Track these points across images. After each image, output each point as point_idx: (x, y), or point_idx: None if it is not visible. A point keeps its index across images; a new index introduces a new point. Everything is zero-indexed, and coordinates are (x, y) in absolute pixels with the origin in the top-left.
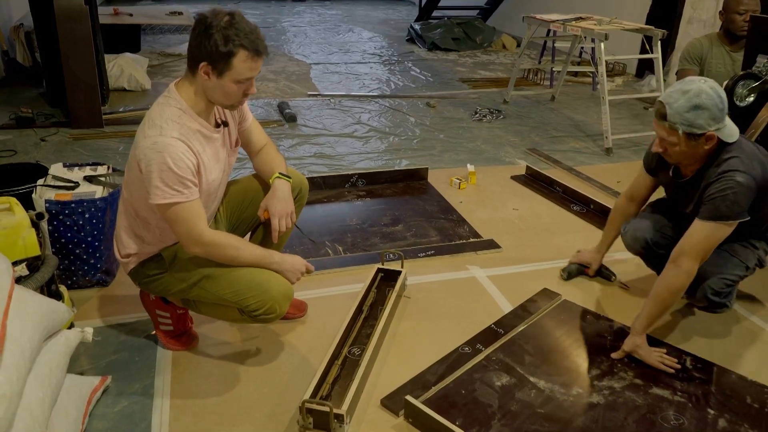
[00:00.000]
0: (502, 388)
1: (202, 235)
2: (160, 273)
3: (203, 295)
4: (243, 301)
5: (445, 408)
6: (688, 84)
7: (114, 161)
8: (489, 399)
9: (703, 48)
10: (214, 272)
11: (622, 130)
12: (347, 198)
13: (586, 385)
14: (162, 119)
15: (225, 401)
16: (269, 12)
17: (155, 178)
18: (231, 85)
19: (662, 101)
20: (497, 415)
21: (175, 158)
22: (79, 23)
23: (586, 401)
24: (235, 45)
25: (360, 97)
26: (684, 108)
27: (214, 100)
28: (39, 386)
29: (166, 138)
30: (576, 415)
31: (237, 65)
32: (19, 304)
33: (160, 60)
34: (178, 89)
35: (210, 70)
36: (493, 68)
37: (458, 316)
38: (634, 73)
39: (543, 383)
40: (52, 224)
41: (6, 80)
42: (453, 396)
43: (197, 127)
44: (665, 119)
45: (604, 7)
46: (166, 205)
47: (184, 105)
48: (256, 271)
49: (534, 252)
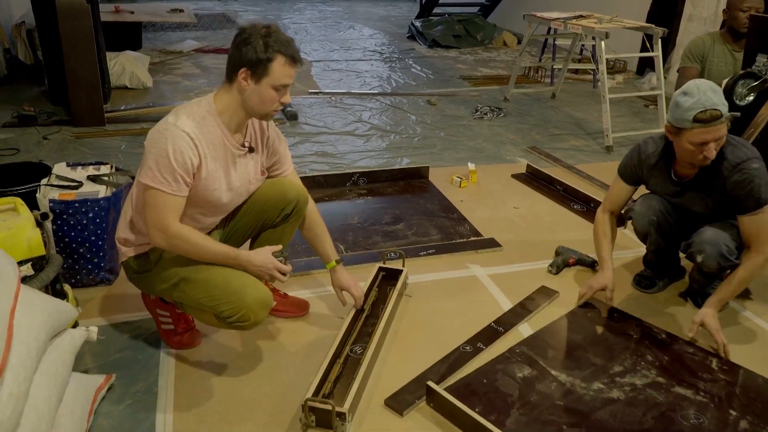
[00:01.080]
0: (523, 380)
1: (169, 226)
2: (145, 271)
3: (183, 298)
4: (217, 307)
5: (465, 395)
6: (701, 86)
7: (116, 159)
8: (509, 389)
9: (705, 46)
10: (191, 275)
11: (623, 127)
12: (348, 197)
13: (607, 381)
14: (185, 112)
15: (228, 399)
16: (270, 9)
17: (151, 159)
18: (269, 90)
19: (703, 109)
20: (516, 404)
21: (176, 150)
22: (80, 21)
23: (606, 396)
24: (273, 51)
25: (361, 94)
26: (721, 100)
27: (249, 108)
28: (45, 385)
29: (177, 128)
30: (594, 409)
31: (275, 70)
32: (25, 304)
33: (162, 57)
34: (215, 97)
35: (249, 75)
36: (493, 65)
37: (459, 314)
38: (635, 70)
39: (564, 377)
40: (56, 224)
41: (8, 78)
42: (474, 384)
43: (216, 133)
44: (721, 117)
45: (605, 5)
46: (149, 187)
47: (213, 110)
48: (233, 276)
49: (534, 250)
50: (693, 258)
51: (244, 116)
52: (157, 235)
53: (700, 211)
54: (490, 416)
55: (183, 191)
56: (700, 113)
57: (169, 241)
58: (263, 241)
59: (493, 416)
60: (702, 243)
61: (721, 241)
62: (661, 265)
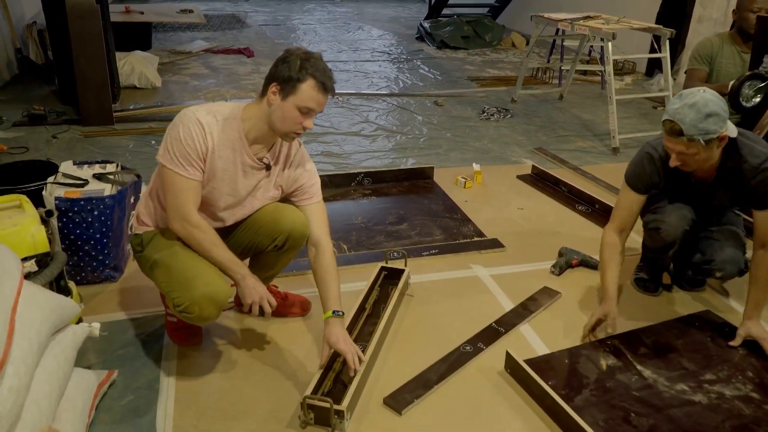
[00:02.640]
0: (606, 367)
1: (190, 213)
2: (139, 252)
3: (155, 282)
4: (170, 293)
5: (543, 369)
6: (690, 96)
7: (124, 159)
8: (588, 373)
9: (714, 47)
10: (161, 259)
11: (630, 129)
12: (353, 196)
13: (693, 385)
14: (210, 108)
15: (228, 396)
16: (280, 9)
17: (168, 140)
18: (292, 109)
19: (671, 119)
20: (591, 386)
21: (186, 134)
22: (89, 21)
23: (687, 398)
24: (307, 73)
25: (368, 95)
26: (697, 120)
27: (271, 123)
28: (46, 379)
29: (193, 116)
30: (670, 406)
31: (303, 91)
32: (28, 300)
33: (171, 58)
34: (245, 106)
35: (278, 90)
36: (501, 66)
37: (460, 314)
38: (644, 71)
39: (649, 373)
40: (61, 221)
41: (19, 78)
42: (555, 362)
43: (234, 136)
44: (682, 135)
45: (614, 6)
46: (164, 167)
47: (238, 115)
48: (192, 267)
49: (538, 251)
50: (711, 273)
51: (266, 130)
52: (177, 221)
53: (715, 209)
54: (561, 391)
55: (196, 176)
56: (666, 120)
57: (186, 229)
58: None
59: (563, 392)
60: (724, 263)
61: (738, 258)
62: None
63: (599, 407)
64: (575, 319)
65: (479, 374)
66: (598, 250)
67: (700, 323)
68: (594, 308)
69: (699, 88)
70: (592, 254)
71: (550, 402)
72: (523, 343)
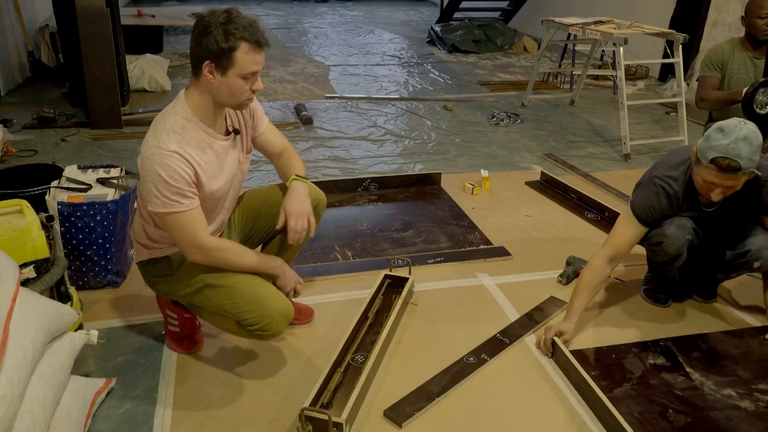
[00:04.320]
0: (653, 366)
1: (202, 241)
2: (167, 275)
3: (205, 303)
4: (240, 315)
5: (588, 361)
6: (738, 130)
7: (131, 162)
8: (634, 368)
9: (725, 54)
10: (216, 281)
11: (642, 135)
12: (359, 202)
13: (743, 392)
14: (164, 128)
15: (227, 406)
16: (291, 13)
17: (152, 188)
18: (236, 80)
19: (726, 156)
20: (633, 380)
21: (169, 171)
22: (99, 24)
23: (733, 402)
24: (235, 38)
25: (377, 99)
26: (752, 153)
27: (221, 100)
28: (41, 388)
29: (162, 150)
30: (712, 408)
31: (240, 59)
32: (23, 307)
33: (181, 61)
34: (186, 96)
35: (214, 68)
36: (512, 71)
37: (464, 324)
38: (657, 76)
39: (697, 375)
40: (64, 226)
41: (31, 80)
42: (602, 356)
43: (201, 136)
44: (740, 170)
45: (627, 10)
46: (164, 214)
47: (189, 114)
48: (257, 285)
49: (545, 260)
50: (748, 266)
51: (219, 108)
52: (195, 254)
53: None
54: (601, 381)
55: (194, 203)
56: (719, 157)
57: (207, 255)
58: (275, 244)
59: (604, 382)
60: (760, 250)
61: None
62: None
63: (637, 400)
64: (582, 329)
65: (482, 386)
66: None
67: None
68: (606, 320)
69: (738, 120)
70: None
71: (587, 389)
72: (527, 354)
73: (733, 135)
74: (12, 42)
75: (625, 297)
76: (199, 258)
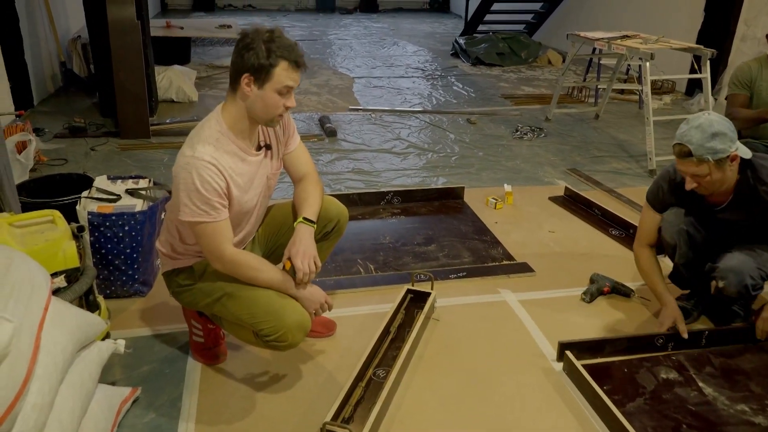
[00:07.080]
0: (665, 381)
1: (224, 253)
2: (190, 284)
3: (224, 312)
4: (257, 324)
5: (600, 375)
6: (695, 119)
7: (158, 172)
8: (646, 383)
9: (752, 72)
10: (235, 291)
11: (668, 150)
12: (382, 215)
13: (756, 407)
14: (200, 139)
15: (249, 417)
16: (316, 24)
17: (184, 196)
18: (272, 95)
19: (679, 141)
20: (646, 395)
21: (203, 180)
22: (130, 36)
23: (747, 418)
24: (276, 56)
25: (401, 112)
26: (704, 139)
27: (255, 114)
28: (70, 396)
29: (197, 160)
30: (726, 424)
31: (277, 74)
32: (55, 316)
33: (208, 72)
34: (223, 110)
35: (252, 81)
36: (537, 84)
37: (486, 340)
38: (683, 91)
39: (710, 390)
40: (93, 235)
41: (63, 90)
42: (614, 369)
43: (234, 149)
44: (691, 156)
45: (653, 25)
46: (193, 223)
47: (224, 127)
48: (275, 296)
49: (568, 277)
50: (716, 282)
51: (254, 124)
52: (216, 263)
53: (733, 232)
54: (614, 396)
55: (223, 214)
56: (675, 143)
57: (226, 266)
58: None
59: (616, 396)
60: (726, 270)
61: (746, 271)
62: (693, 281)
63: (651, 415)
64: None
65: (500, 400)
66: (631, 278)
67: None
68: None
69: (704, 111)
70: (624, 281)
71: (600, 404)
72: (545, 369)
73: (689, 123)
74: (45, 53)
75: (638, 312)
76: (219, 267)
